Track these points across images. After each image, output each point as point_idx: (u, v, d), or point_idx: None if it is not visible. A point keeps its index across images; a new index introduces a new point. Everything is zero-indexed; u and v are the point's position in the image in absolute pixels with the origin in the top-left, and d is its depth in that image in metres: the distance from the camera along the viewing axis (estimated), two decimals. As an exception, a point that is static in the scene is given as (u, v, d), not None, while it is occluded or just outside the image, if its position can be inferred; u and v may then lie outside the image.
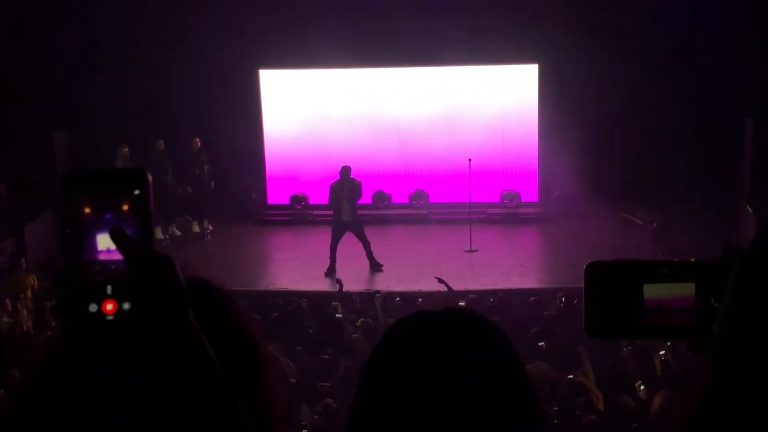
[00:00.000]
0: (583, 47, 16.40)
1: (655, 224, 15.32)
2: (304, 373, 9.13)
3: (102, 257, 1.23)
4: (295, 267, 14.84)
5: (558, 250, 15.81)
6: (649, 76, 16.61)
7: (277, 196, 18.21)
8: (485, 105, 17.82)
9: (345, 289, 12.64)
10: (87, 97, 16.83)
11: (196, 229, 17.23)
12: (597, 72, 16.25)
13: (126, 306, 1.22)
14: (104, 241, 1.23)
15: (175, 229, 16.96)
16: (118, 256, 1.22)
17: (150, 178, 1.25)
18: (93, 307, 1.21)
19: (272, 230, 17.59)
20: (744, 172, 15.92)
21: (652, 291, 1.36)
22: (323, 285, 14.08)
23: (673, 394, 7.44)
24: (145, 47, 16.83)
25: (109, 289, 1.22)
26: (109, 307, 1.22)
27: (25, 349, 9.54)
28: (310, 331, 10.68)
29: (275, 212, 18.07)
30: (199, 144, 17.09)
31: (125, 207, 1.23)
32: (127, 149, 16.75)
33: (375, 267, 14.64)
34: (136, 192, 1.24)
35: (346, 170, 14.99)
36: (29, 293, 12.20)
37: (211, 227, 17.19)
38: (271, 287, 14.03)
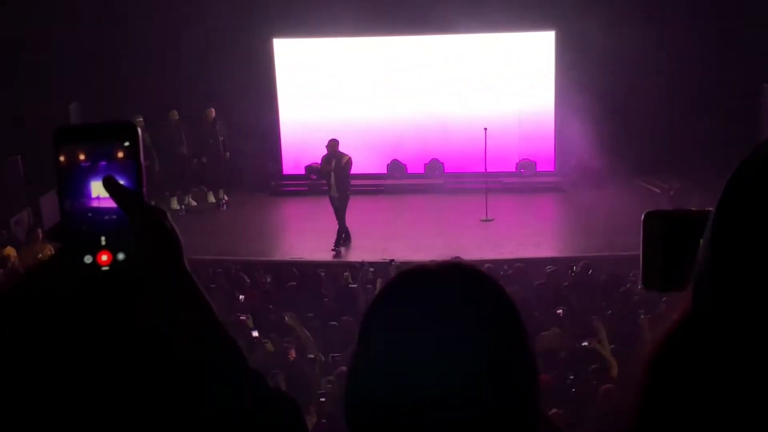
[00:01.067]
0: (600, 14, 16.24)
1: (672, 192, 15.24)
2: (320, 342, 9.16)
3: (94, 204, 1.22)
4: (310, 237, 14.84)
5: (574, 219, 15.77)
6: (667, 42, 16.46)
7: (292, 166, 18.20)
8: (501, 73, 17.71)
9: (362, 259, 12.65)
10: (101, 68, 16.83)
11: (212, 199, 17.26)
12: (614, 39, 16.08)
13: (121, 256, 1.21)
14: (97, 188, 1.22)
15: (190, 199, 17.00)
16: (110, 204, 1.21)
17: (140, 131, 1.24)
18: (88, 259, 1.20)
19: (287, 201, 17.61)
20: (762, 138, 15.80)
21: None
22: (339, 255, 14.12)
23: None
24: (159, 18, 16.77)
25: (103, 239, 1.21)
26: (104, 257, 1.20)
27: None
28: (326, 299, 10.72)
29: (290, 183, 18.08)
30: (213, 114, 17.05)
31: (120, 154, 1.22)
32: (141, 119, 16.75)
33: (337, 243, 14.45)
34: (126, 144, 1.23)
35: (332, 144, 14.70)
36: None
37: (226, 198, 17.22)
38: (287, 257, 14.07)
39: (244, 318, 9.42)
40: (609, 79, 16.55)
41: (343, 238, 14.52)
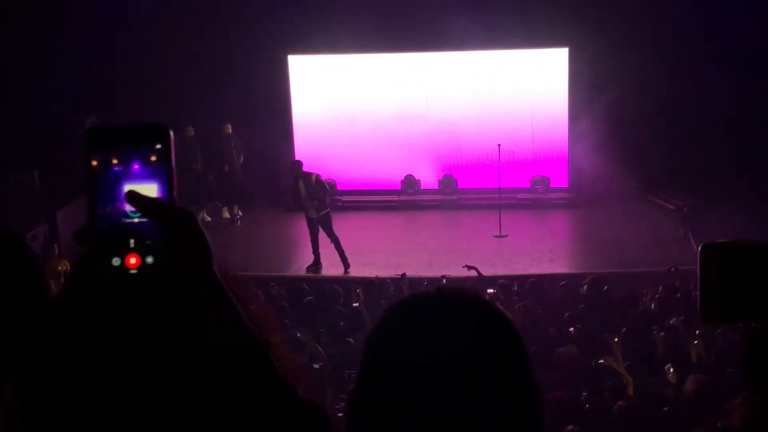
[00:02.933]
0: (614, 31, 16.25)
1: (686, 209, 15.19)
2: (334, 359, 9.13)
3: (127, 208, 1.22)
4: (324, 253, 14.83)
5: (588, 235, 15.73)
6: (682, 59, 16.44)
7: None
8: (515, 89, 17.72)
9: (375, 274, 12.63)
10: (117, 84, 16.91)
11: (226, 215, 17.30)
12: (628, 55, 16.07)
13: (149, 260, 1.21)
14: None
15: (205, 215, 17.02)
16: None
17: (171, 133, 1.25)
18: (116, 261, 1.20)
19: (302, 216, 17.55)
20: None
21: None
22: (353, 271, 14.10)
23: (706, 377, 7.38)
24: (175, 34, 16.86)
25: (131, 242, 1.21)
26: (132, 261, 1.20)
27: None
28: (341, 316, 10.70)
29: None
30: (229, 130, 17.14)
31: (153, 158, 1.23)
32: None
33: (345, 264, 14.15)
34: (158, 146, 1.24)
35: (293, 166, 14.58)
36: (62, 279, 12.29)
37: (240, 213, 17.25)
38: (302, 273, 14.08)
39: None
40: (622, 95, 16.53)
41: (312, 263, 14.34)
